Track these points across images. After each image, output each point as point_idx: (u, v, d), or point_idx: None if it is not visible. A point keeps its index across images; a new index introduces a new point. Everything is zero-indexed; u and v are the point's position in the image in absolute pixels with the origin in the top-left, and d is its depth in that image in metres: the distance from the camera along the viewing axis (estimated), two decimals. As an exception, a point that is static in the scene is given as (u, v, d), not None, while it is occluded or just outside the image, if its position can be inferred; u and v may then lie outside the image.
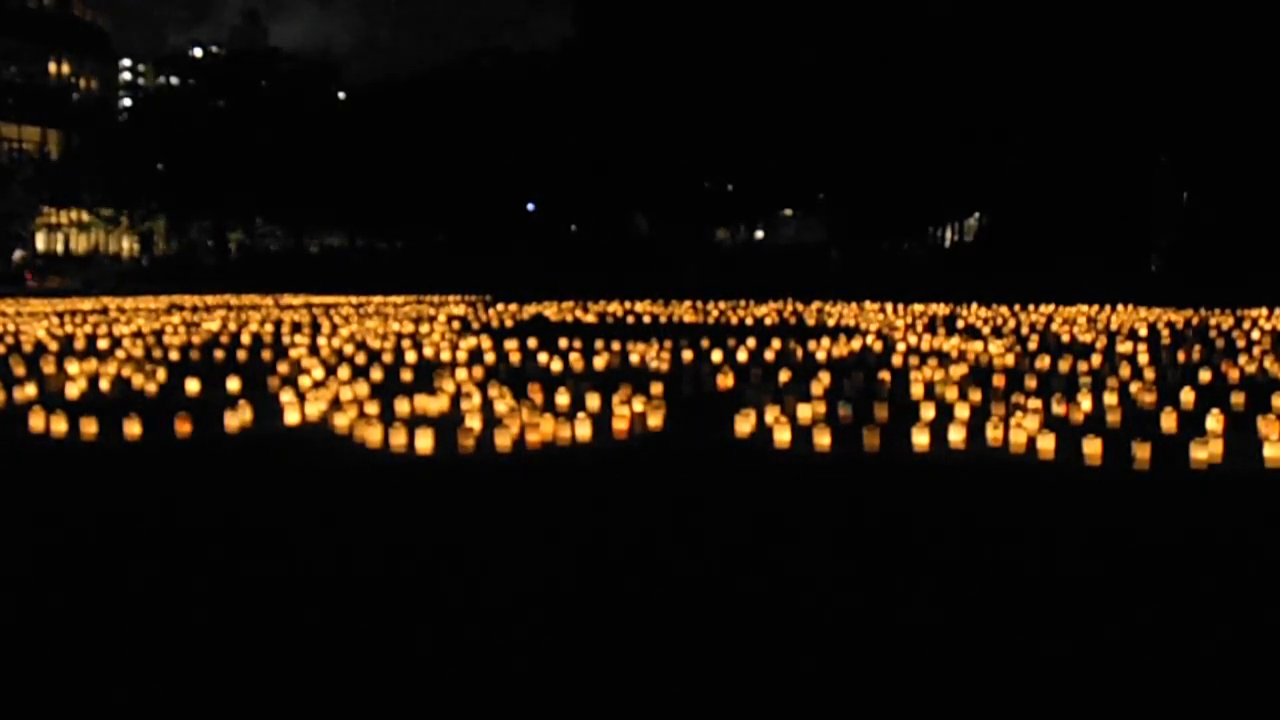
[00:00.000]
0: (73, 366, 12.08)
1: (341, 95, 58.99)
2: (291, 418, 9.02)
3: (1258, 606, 4.60)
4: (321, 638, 4.22)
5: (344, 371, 11.60)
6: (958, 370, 11.66)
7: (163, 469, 7.48)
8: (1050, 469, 7.28)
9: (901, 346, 14.75)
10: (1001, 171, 39.43)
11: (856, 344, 15.06)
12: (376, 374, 11.61)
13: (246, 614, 4.47)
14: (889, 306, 25.11)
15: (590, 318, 22.43)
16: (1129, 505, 6.43)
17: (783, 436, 8.04)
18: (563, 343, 14.69)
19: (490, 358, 13.30)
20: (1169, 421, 8.45)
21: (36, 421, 8.60)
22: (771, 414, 8.60)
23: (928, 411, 8.81)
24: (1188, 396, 9.60)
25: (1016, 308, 23.98)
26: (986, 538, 5.70)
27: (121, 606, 4.60)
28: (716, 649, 4.07)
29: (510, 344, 14.32)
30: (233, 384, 10.54)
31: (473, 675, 3.87)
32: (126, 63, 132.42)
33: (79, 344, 15.24)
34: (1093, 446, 7.41)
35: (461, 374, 11.51)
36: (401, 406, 9.17)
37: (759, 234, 66.62)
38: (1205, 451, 7.36)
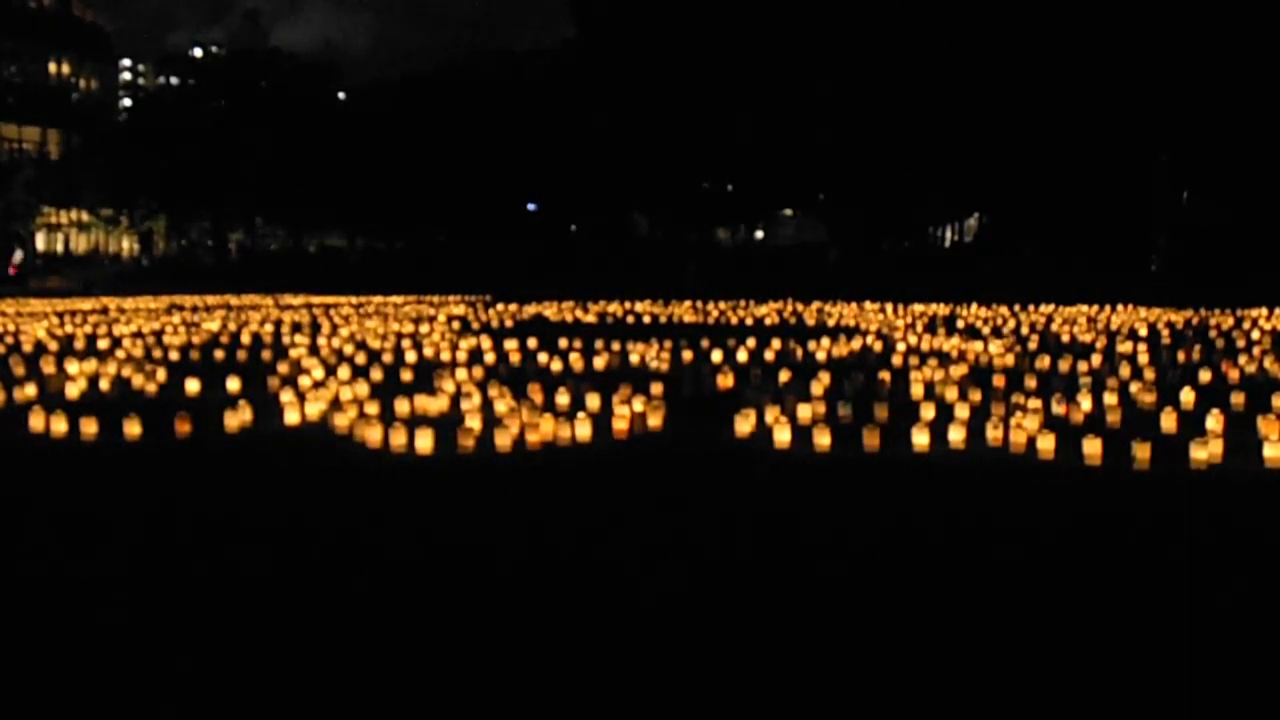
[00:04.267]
0: (73, 366, 12.07)
1: (341, 95, 58.97)
2: (291, 418, 9.02)
3: (1259, 607, 4.60)
4: (322, 637, 4.23)
5: (344, 371, 11.60)
6: (958, 370, 11.65)
7: (163, 469, 7.49)
8: (1050, 469, 7.28)
9: (901, 346, 14.75)
10: (1001, 172, 39.40)
11: (856, 344, 15.06)
12: (376, 374, 11.60)
13: (247, 613, 4.48)
14: (889, 306, 25.10)
15: (590, 318, 22.42)
16: (1129, 505, 6.43)
17: (783, 436, 8.04)
18: (563, 343, 14.69)
19: (490, 358, 13.30)
20: (1169, 421, 8.44)
21: (36, 421, 8.60)
22: (771, 414, 8.60)
23: (928, 411, 8.81)
24: (1188, 396, 9.59)
25: (1016, 308, 23.97)
26: (986, 538, 5.70)
27: (120, 607, 4.60)
28: (716, 648, 4.08)
29: (510, 344, 14.31)
30: (233, 384, 10.54)
31: (473, 675, 3.88)
32: (126, 63, 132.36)
33: (79, 344, 15.23)
34: (1093, 446, 7.40)
35: (461, 374, 11.50)
36: (401, 406, 9.16)
37: (759, 234, 66.61)
38: (1205, 451, 7.36)
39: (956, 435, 7.99)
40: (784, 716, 3.56)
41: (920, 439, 7.89)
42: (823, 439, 7.93)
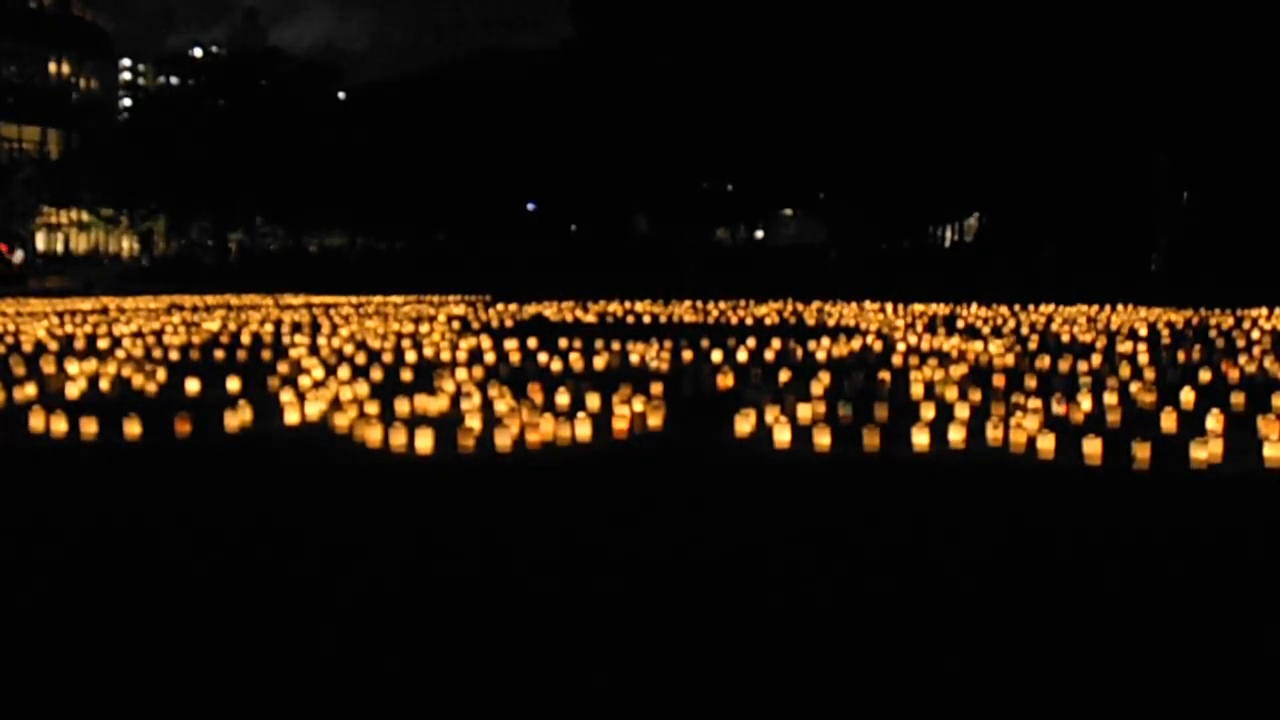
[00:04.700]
0: (73, 366, 12.07)
1: (341, 95, 58.98)
2: (291, 418, 9.02)
3: (1257, 607, 4.60)
4: (322, 637, 4.23)
5: (344, 371, 11.60)
6: (958, 370, 11.65)
7: (163, 469, 7.48)
8: (1050, 469, 7.28)
9: (901, 346, 14.75)
10: (1002, 171, 39.40)
11: (856, 344, 15.05)
12: (376, 374, 11.60)
13: (248, 612, 4.48)
14: (889, 306, 25.09)
15: (590, 318, 22.41)
16: (1129, 505, 6.43)
17: (783, 436, 8.04)
18: (563, 343, 14.69)
19: (490, 358, 13.30)
20: (1169, 421, 8.45)
21: (36, 421, 8.60)
22: (771, 414, 8.60)
23: (928, 411, 8.81)
24: (1188, 396, 9.59)
25: (1016, 308, 23.96)
26: (986, 538, 5.70)
27: (120, 607, 4.60)
28: (713, 648, 4.08)
29: (510, 344, 14.31)
30: (233, 384, 10.54)
31: (473, 675, 3.88)
32: (126, 63, 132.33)
33: (79, 344, 15.23)
34: (1093, 446, 7.40)
35: (461, 374, 11.50)
36: (401, 406, 9.17)
37: (759, 234, 66.63)
38: (1205, 451, 7.36)
39: (956, 435, 7.99)
40: (783, 715, 3.56)
41: (920, 439, 7.89)
42: (823, 439, 7.93)
